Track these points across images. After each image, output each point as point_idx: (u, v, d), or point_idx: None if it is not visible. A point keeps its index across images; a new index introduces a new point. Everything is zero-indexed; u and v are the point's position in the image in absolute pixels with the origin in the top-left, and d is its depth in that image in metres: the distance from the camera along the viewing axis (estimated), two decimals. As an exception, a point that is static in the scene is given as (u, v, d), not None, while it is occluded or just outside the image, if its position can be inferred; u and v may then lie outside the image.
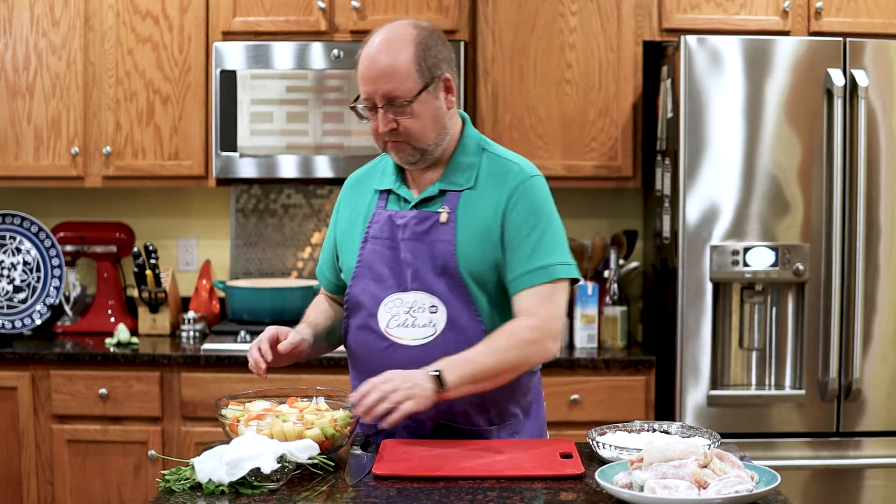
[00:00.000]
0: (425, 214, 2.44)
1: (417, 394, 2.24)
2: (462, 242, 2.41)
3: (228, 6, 4.11)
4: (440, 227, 2.42)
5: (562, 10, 4.09)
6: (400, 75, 2.35)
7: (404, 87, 2.36)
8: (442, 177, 2.46)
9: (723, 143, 3.70)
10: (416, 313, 2.42)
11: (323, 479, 2.18)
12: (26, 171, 4.19)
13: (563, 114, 4.12)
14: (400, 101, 2.36)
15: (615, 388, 3.88)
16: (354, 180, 2.63)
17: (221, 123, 4.07)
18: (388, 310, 2.44)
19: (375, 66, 2.36)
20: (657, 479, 1.95)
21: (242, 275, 4.52)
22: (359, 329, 2.48)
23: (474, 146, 2.49)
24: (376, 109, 2.38)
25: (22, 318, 4.26)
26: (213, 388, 3.87)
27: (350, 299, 2.49)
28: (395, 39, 2.37)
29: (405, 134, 2.39)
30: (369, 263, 2.47)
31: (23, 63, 4.14)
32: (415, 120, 2.38)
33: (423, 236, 2.42)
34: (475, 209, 2.43)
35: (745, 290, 3.77)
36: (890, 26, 4.05)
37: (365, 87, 2.38)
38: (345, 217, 2.57)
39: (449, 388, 2.28)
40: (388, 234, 2.45)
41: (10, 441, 3.95)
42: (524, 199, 2.43)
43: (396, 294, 2.43)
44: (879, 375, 3.76)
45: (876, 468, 3.76)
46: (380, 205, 2.50)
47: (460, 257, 2.40)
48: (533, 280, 2.40)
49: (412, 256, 2.42)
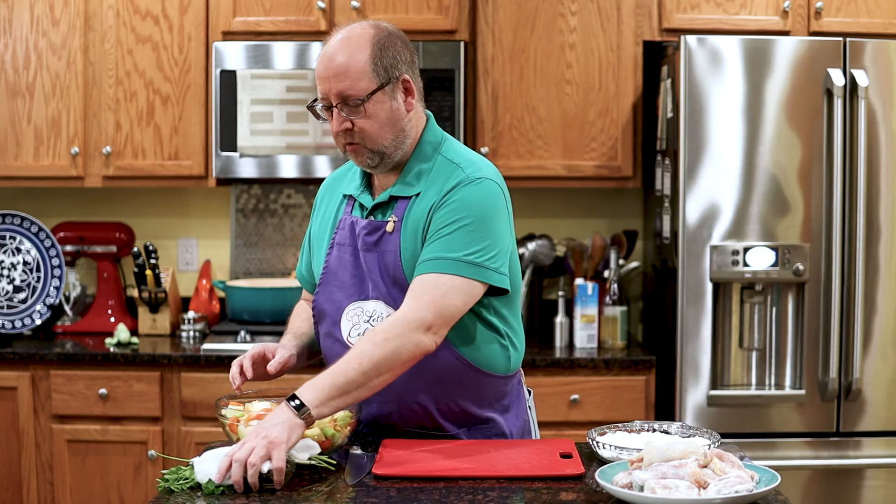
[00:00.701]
0: (375, 224, 2.40)
1: (276, 436, 2.09)
2: (405, 251, 2.36)
3: (228, 6, 4.11)
4: (387, 236, 2.38)
5: (562, 10, 4.09)
6: (354, 74, 2.32)
7: (358, 87, 2.32)
8: (395, 183, 2.42)
9: (723, 143, 3.70)
10: (376, 322, 2.38)
11: (323, 479, 2.18)
12: (26, 171, 4.19)
13: (563, 114, 4.12)
14: (354, 101, 2.32)
15: (615, 388, 3.88)
16: (330, 182, 2.60)
17: (221, 123, 4.08)
18: (349, 318, 2.42)
19: (331, 64, 2.33)
20: (657, 479, 1.95)
21: (242, 275, 4.52)
22: (325, 336, 2.48)
23: (430, 150, 2.42)
24: (332, 109, 2.36)
25: (22, 318, 4.26)
26: (213, 388, 3.87)
27: (316, 307, 2.48)
28: (353, 39, 2.34)
29: (360, 135, 2.35)
30: (334, 270, 2.45)
31: (23, 63, 4.14)
32: (369, 121, 2.33)
33: (373, 247, 2.39)
34: (416, 217, 2.37)
35: (745, 290, 3.77)
36: (890, 26, 4.05)
37: (321, 86, 2.35)
38: (318, 220, 2.56)
39: (313, 407, 2.16)
40: (350, 241, 2.43)
41: (10, 441, 3.95)
42: (455, 197, 2.34)
43: (357, 302, 2.41)
44: (879, 375, 3.76)
45: (876, 468, 3.76)
46: (346, 210, 2.48)
47: (406, 266, 2.36)
48: (426, 269, 2.30)
49: (367, 265, 2.40)
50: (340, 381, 2.21)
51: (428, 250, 2.32)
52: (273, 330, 4.06)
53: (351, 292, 2.42)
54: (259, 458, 2.06)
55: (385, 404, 2.40)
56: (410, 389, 2.38)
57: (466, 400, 2.42)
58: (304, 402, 2.16)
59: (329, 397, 2.19)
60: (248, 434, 2.15)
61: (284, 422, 2.14)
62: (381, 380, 2.25)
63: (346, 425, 2.31)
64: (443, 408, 2.41)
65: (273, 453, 2.08)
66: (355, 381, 2.22)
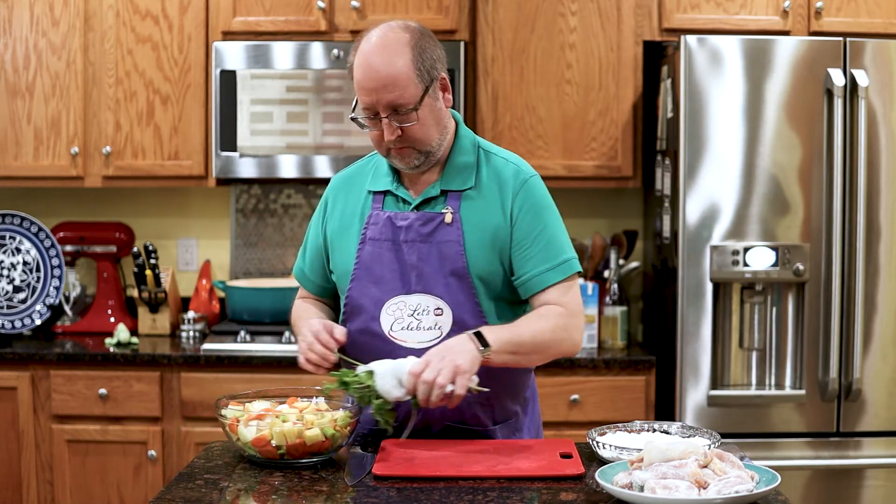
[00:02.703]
0: (429, 215, 2.41)
1: (461, 363, 2.21)
2: (470, 244, 2.40)
3: (228, 6, 4.11)
4: (445, 227, 2.40)
5: (562, 9, 4.09)
6: (402, 83, 2.31)
7: (408, 95, 2.32)
8: (441, 177, 2.44)
9: (723, 143, 3.70)
10: (421, 316, 2.40)
11: (323, 479, 2.18)
12: (26, 171, 4.19)
13: (563, 114, 4.12)
14: (405, 109, 2.33)
15: (615, 388, 3.88)
16: (343, 180, 2.59)
17: (221, 123, 4.08)
18: (390, 313, 2.42)
19: (375, 76, 2.31)
20: (657, 479, 1.95)
21: (242, 275, 4.52)
22: (359, 333, 2.45)
23: (470, 145, 2.47)
24: (378, 118, 2.34)
25: (22, 318, 4.26)
26: (213, 388, 3.87)
27: (350, 302, 2.46)
28: (390, 45, 2.32)
29: (410, 139, 2.36)
30: (368, 265, 2.44)
31: (23, 63, 4.14)
32: (419, 125, 2.35)
33: (428, 237, 2.40)
34: (481, 211, 2.41)
35: (745, 290, 3.77)
36: (890, 26, 4.05)
37: (366, 98, 2.33)
38: (336, 218, 2.53)
39: (491, 349, 2.27)
40: (389, 235, 2.43)
41: (10, 441, 3.95)
42: (529, 199, 2.43)
43: (399, 297, 2.41)
44: (879, 375, 3.76)
45: (876, 468, 3.76)
46: (375, 206, 2.47)
47: (470, 259, 2.39)
48: (553, 278, 2.40)
49: (417, 258, 2.40)
50: (516, 340, 2.32)
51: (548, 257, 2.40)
52: (273, 330, 4.06)
53: (391, 287, 2.42)
54: (446, 381, 2.18)
55: None
56: None
57: (504, 392, 2.47)
58: (489, 342, 2.26)
59: (505, 349, 2.30)
60: (432, 355, 2.24)
61: (469, 352, 2.24)
62: (536, 357, 2.40)
63: (346, 425, 2.31)
64: (482, 401, 2.43)
65: (457, 379, 2.20)
66: (525, 347, 2.34)
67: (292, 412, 2.33)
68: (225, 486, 2.15)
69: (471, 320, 2.39)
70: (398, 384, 2.23)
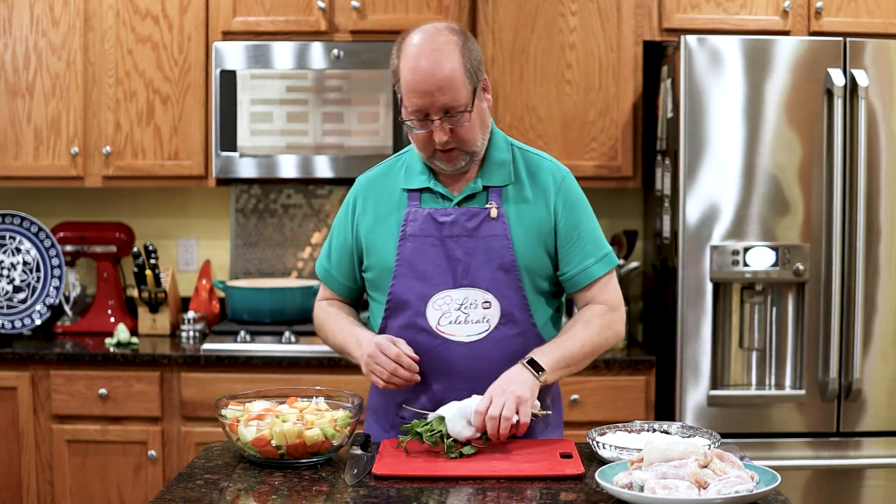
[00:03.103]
0: (473, 210, 2.46)
1: (522, 393, 2.31)
2: (517, 237, 2.45)
3: (228, 6, 4.11)
4: (490, 222, 2.45)
5: (562, 9, 4.09)
6: (455, 86, 2.34)
7: (460, 97, 2.36)
8: (480, 173, 2.49)
9: (723, 143, 3.70)
10: (469, 310, 2.45)
11: (323, 479, 2.18)
12: (26, 171, 4.19)
13: (563, 114, 4.12)
14: (457, 111, 2.36)
15: (615, 388, 3.88)
16: (372, 180, 2.59)
17: (221, 123, 4.07)
18: (436, 307, 2.45)
19: (430, 78, 2.33)
20: (657, 479, 1.95)
21: (242, 275, 4.52)
22: (404, 328, 2.48)
23: (503, 142, 2.54)
24: (428, 120, 2.37)
25: (22, 318, 4.26)
26: (213, 388, 3.87)
27: (393, 299, 2.48)
28: (440, 48, 2.35)
29: (459, 141, 2.40)
30: (410, 261, 2.47)
31: (23, 63, 4.14)
32: (468, 127, 2.40)
33: (474, 232, 2.45)
34: (523, 205, 2.48)
35: (745, 290, 3.77)
36: (890, 26, 4.05)
37: (419, 101, 2.35)
38: (369, 217, 2.54)
39: (546, 373, 2.37)
40: (431, 231, 2.46)
41: (10, 441, 3.95)
42: (570, 194, 2.51)
43: (445, 291, 2.45)
44: (879, 375, 3.76)
45: (876, 468, 3.76)
46: (412, 203, 2.49)
47: (518, 252, 2.45)
48: (598, 271, 2.50)
49: (464, 253, 2.44)
50: (567, 355, 2.43)
51: (590, 251, 2.50)
52: (273, 330, 4.06)
53: (436, 282, 2.45)
54: (511, 413, 2.28)
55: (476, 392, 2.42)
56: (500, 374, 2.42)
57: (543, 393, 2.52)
58: (543, 367, 2.37)
59: (557, 367, 2.40)
60: (494, 390, 2.32)
61: (527, 381, 2.34)
62: (586, 363, 2.49)
63: (346, 425, 2.31)
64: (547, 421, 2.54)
65: (521, 409, 2.29)
66: (576, 359, 2.45)
67: (292, 412, 2.33)
68: (225, 486, 2.15)
69: (518, 313, 2.45)
70: (467, 424, 2.29)
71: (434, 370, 2.45)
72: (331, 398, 2.45)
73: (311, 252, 4.51)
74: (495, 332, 2.44)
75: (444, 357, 2.45)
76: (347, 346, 2.54)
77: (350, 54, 4.03)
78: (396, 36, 2.46)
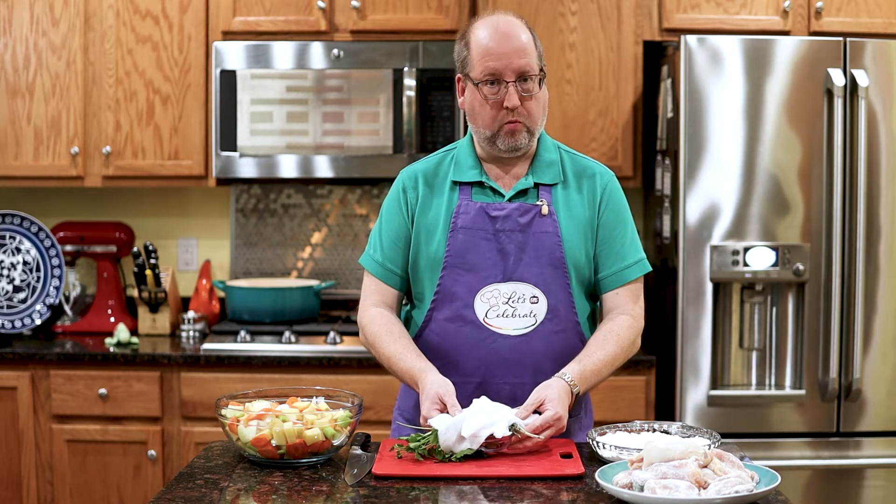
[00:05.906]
0: (526, 206, 2.50)
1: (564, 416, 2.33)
2: (566, 234, 2.50)
3: (228, 6, 4.11)
4: (541, 218, 2.49)
5: (562, 9, 4.09)
6: (530, 52, 2.45)
7: (534, 64, 2.45)
8: (531, 171, 2.54)
9: (723, 143, 3.70)
10: (516, 303, 2.48)
11: (323, 479, 2.18)
12: (26, 171, 4.19)
13: (563, 114, 4.12)
14: (531, 77, 2.44)
15: (615, 388, 3.88)
16: (419, 172, 2.59)
17: (221, 123, 4.08)
18: (484, 300, 2.48)
19: (509, 42, 2.43)
20: (657, 479, 1.95)
21: (242, 275, 4.52)
22: (449, 321, 2.50)
23: (551, 143, 2.59)
24: (502, 83, 2.43)
25: (22, 318, 4.26)
26: (213, 388, 3.87)
27: (441, 290, 2.51)
28: (516, 23, 2.47)
29: (526, 114, 2.46)
30: (461, 253, 2.49)
31: (23, 63, 4.14)
32: (535, 101, 2.47)
33: (525, 227, 2.49)
34: (571, 204, 2.52)
35: (745, 290, 3.77)
36: (890, 26, 4.05)
37: (495, 63, 2.43)
38: (421, 207, 2.55)
39: (582, 388, 2.42)
40: (483, 225, 2.49)
41: (10, 441, 3.95)
42: (613, 198, 2.56)
43: (493, 284, 2.48)
44: (879, 375, 3.76)
45: (876, 468, 3.76)
46: (463, 197, 2.52)
47: (566, 249, 2.49)
48: (630, 275, 2.55)
49: (515, 247, 2.48)
50: (600, 379, 2.47)
51: (624, 256, 2.54)
52: (273, 330, 4.06)
53: (485, 274, 2.49)
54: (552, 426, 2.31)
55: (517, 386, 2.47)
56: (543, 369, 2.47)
57: None
58: (576, 382, 2.40)
59: (588, 384, 2.43)
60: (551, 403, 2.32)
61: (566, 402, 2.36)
62: (610, 374, 2.51)
63: (346, 425, 2.31)
64: None
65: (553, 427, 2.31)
66: (601, 375, 2.46)
67: (292, 412, 2.33)
68: (225, 486, 2.15)
69: (563, 310, 2.49)
70: (460, 438, 2.24)
71: (478, 363, 2.48)
72: (331, 398, 2.45)
73: (310, 252, 4.52)
74: (541, 326, 2.48)
75: (490, 350, 2.48)
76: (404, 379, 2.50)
77: (350, 54, 4.03)
78: (396, 36, 2.47)
